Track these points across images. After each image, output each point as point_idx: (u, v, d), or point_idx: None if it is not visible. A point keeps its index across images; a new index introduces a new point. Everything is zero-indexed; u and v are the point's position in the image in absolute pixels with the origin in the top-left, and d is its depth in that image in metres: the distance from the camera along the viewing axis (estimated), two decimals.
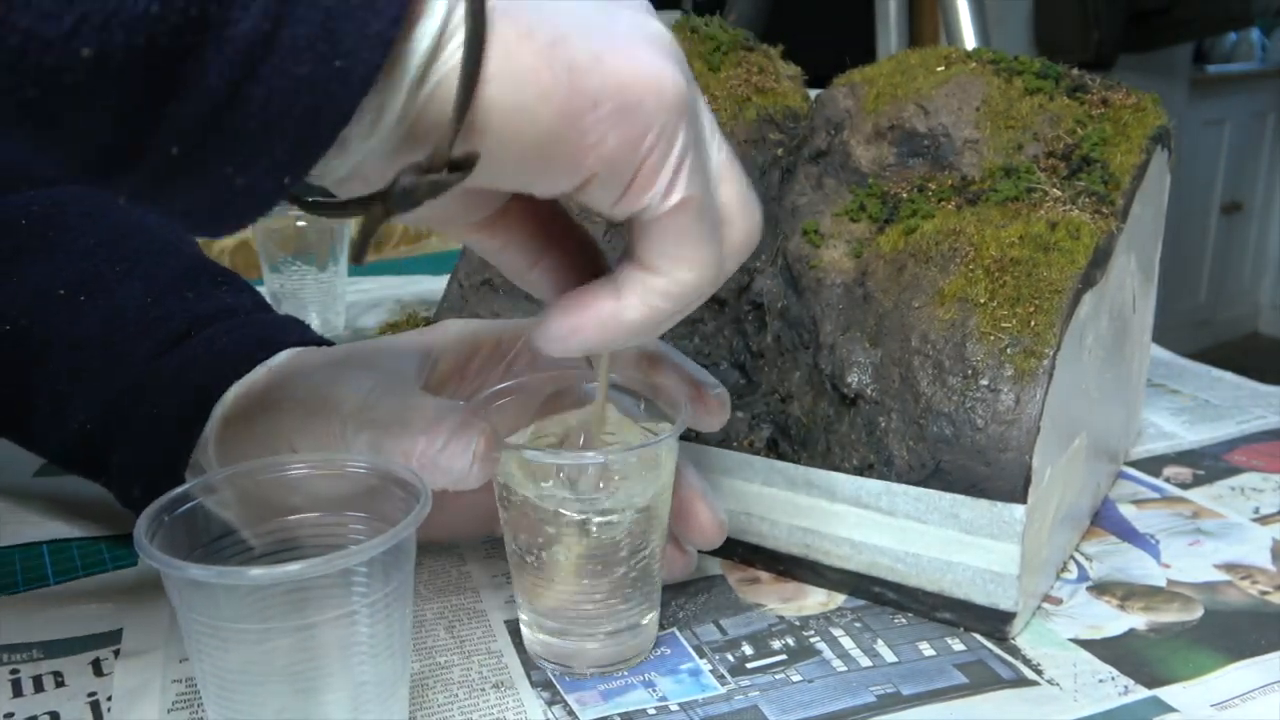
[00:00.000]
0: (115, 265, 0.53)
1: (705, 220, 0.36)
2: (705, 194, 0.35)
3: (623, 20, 0.33)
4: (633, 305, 0.37)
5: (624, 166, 0.33)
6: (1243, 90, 3.39)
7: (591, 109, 0.32)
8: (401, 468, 0.40)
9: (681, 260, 0.36)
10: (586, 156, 0.32)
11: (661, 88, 0.33)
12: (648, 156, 0.33)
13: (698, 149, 0.35)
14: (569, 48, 0.31)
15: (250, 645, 0.36)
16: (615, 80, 0.32)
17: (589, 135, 0.32)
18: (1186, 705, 0.43)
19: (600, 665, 0.45)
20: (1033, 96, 0.55)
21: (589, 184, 0.34)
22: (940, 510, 0.47)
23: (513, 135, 0.31)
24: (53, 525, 0.58)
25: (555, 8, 0.32)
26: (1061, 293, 0.48)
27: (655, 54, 0.33)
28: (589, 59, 0.31)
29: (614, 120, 0.32)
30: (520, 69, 0.31)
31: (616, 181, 0.34)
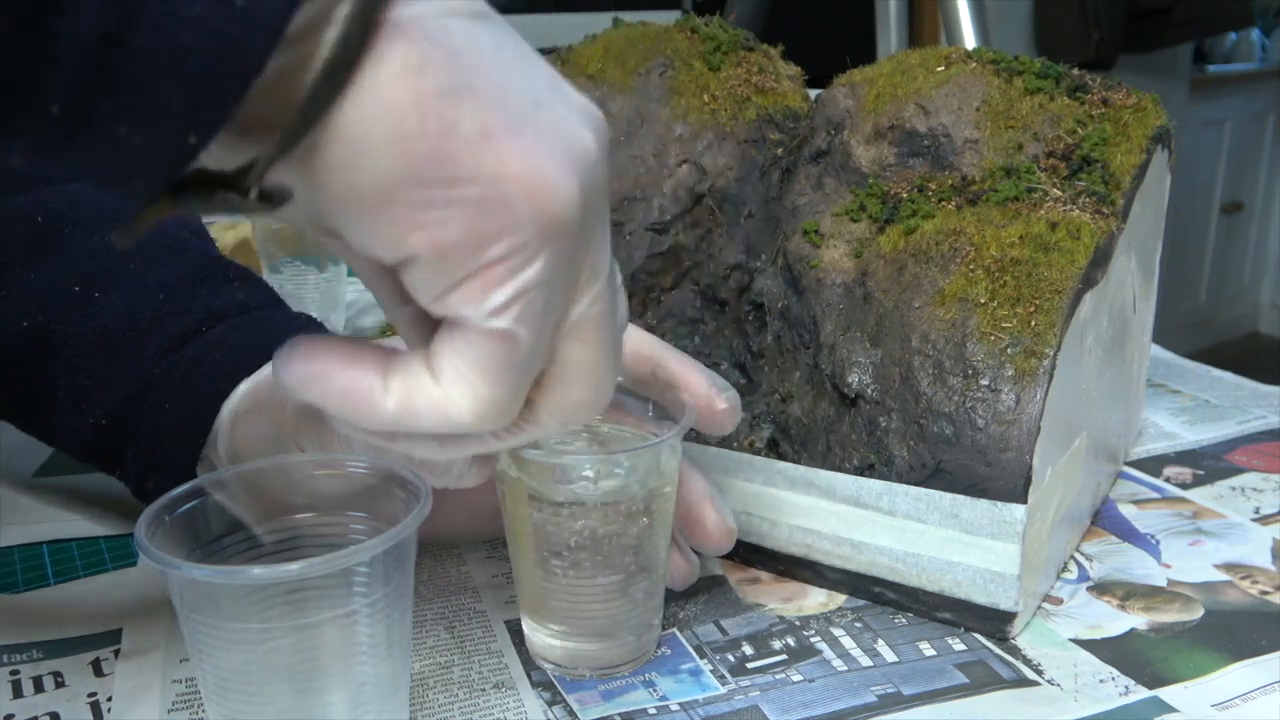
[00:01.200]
0: (128, 262, 0.53)
1: (513, 364, 0.30)
2: (531, 341, 0.30)
3: (551, 114, 0.29)
4: (391, 398, 0.31)
5: (455, 263, 0.28)
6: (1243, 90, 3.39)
7: (446, 184, 0.27)
8: (402, 467, 0.40)
9: (466, 386, 0.31)
10: (416, 233, 0.28)
11: (543, 201, 0.28)
12: (488, 267, 0.28)
13: (552, 288, 0.30)
14: (459, 108, 0.27)
15: (250, 645, 0.36)
16: (492, 168, 0.27)
17: (429, 211, 0.27)
18: (1187, 705, 0.43)
19: (602, 668, 0.45)
20: (1033, 96, 0.55)
21: (408, 265, 0.29)
22: (941, 510, 0.47)
23: (347, 173, 0.27)
24: (53, 525, 0.58)
25: (485, 59, 0.28)
26: (1062, 293, 0.48)
27: (563, 165, 0.28)
28: (475, 130, 0.27)
29: (467, 209, 0.27)
30: (388, 103, 0.26)
31: (440, 276, 0.29)
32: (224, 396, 0.48)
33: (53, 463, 0.64)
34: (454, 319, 0.30)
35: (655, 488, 0.43)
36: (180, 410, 0.49)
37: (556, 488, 0.42)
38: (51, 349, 0.52)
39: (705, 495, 0.47)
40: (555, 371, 0.33)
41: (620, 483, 0.42)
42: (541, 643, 0.46)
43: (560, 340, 0.32)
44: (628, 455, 0.43)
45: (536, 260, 0.29)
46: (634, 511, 0.43)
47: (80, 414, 0.52)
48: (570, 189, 0.28)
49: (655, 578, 0.45)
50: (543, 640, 0.46)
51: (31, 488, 0.62)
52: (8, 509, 0.59)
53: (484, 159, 0.27)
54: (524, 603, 0.46)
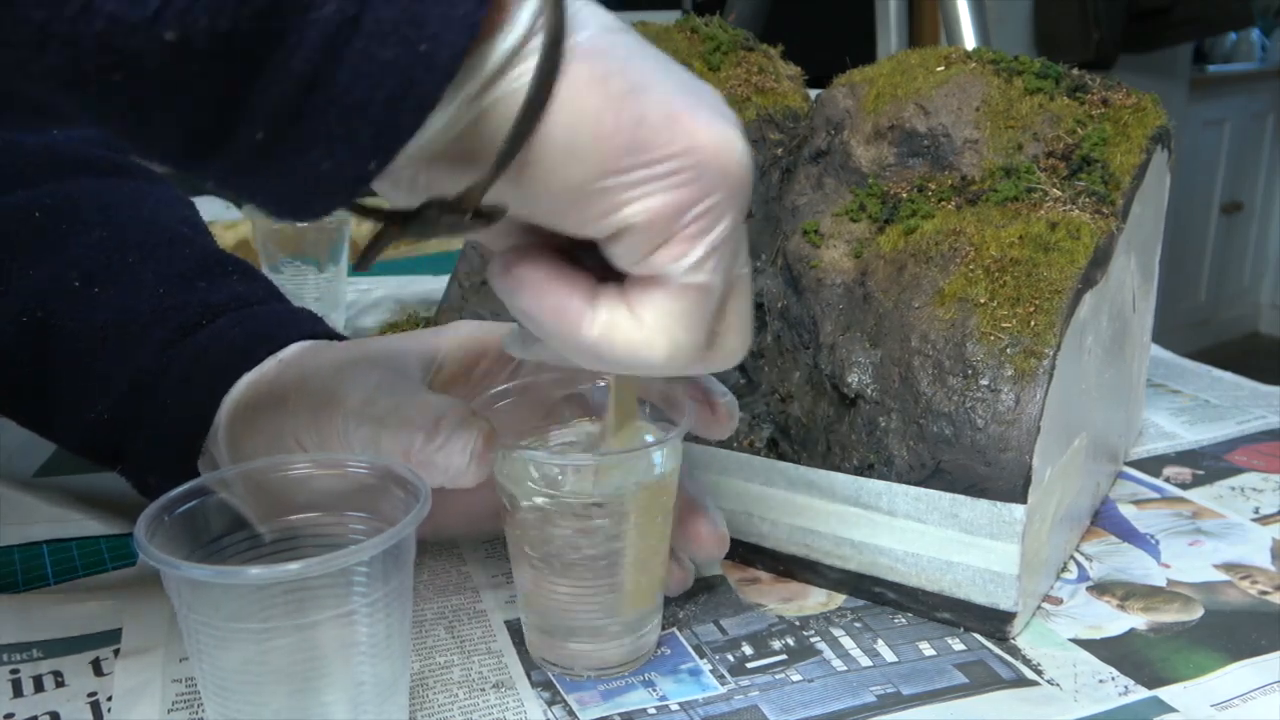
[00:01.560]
0: (128, 256, 0.53)
1: (708, 312, 0.34)
2: (722, 288, 0.34)
3: (707, 95, 0.33)
4: (595, 329, 0.35)
5: (661, 228, 0.32)
6: (1243, 90, 3.39)
7: (646, 165, 0.31)
8: (402, 467, 0.40)
9: (663, 333, 0.34)
10: (627, 209, 0.32)
11: (729, 160, 0.32)
12: (689, 225, 0.32)
13: (737, 241, 0.34)
14: (643, 100, 0.31)
15: (250, 645, 0.36)
16: (684, 142, 0.31)
17: (637, 189, 0.32)
18: (1187, 705, 0.43)
19: (601, 668, 0.45)
20: (1033, 96, 0.55)
21: (619, 237, 0.33)
22: (940, 510, 0.47)
23: (558, 175, 0.31)
24: (52, 525, 0.58)
25: (646, 63, 0.32)
26: (1061, 293, 0.48)
27: (736, 129, 0.33)
28: (662, 117, 0.31)
29: (667, 180, 0.32)
30: (584, 111, 0.30)
31: (648, 241, 0.33)
32: (224, 391, 0.48)
33: (53, 463, 0.64)
34: (658, 276, 0.34)
35: (654, 488, 0.43)
36: (180, 405, 0.49)
37: (556, 488, 0.42)
38: (51, 345, 0.52)
39: (698, 502, 0.47)
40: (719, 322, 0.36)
41: (619, 483, 0.42)
42: (540, 643, 0.46)
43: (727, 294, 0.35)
44: (625, 456, 0.43)
45: (726, 216, 0.33)
46: (633, 511, 0.43)
47: (80, 410, 0.52)
48: (745, 147, 0.33)
49: (654, 579, 0.45)
50: (542, 640, 0.46)
51: (31, 487, 0.62)
52: (8, 509, 0.59)
53: (674, 137, 0.31)
54: (523, 603, 0.46)
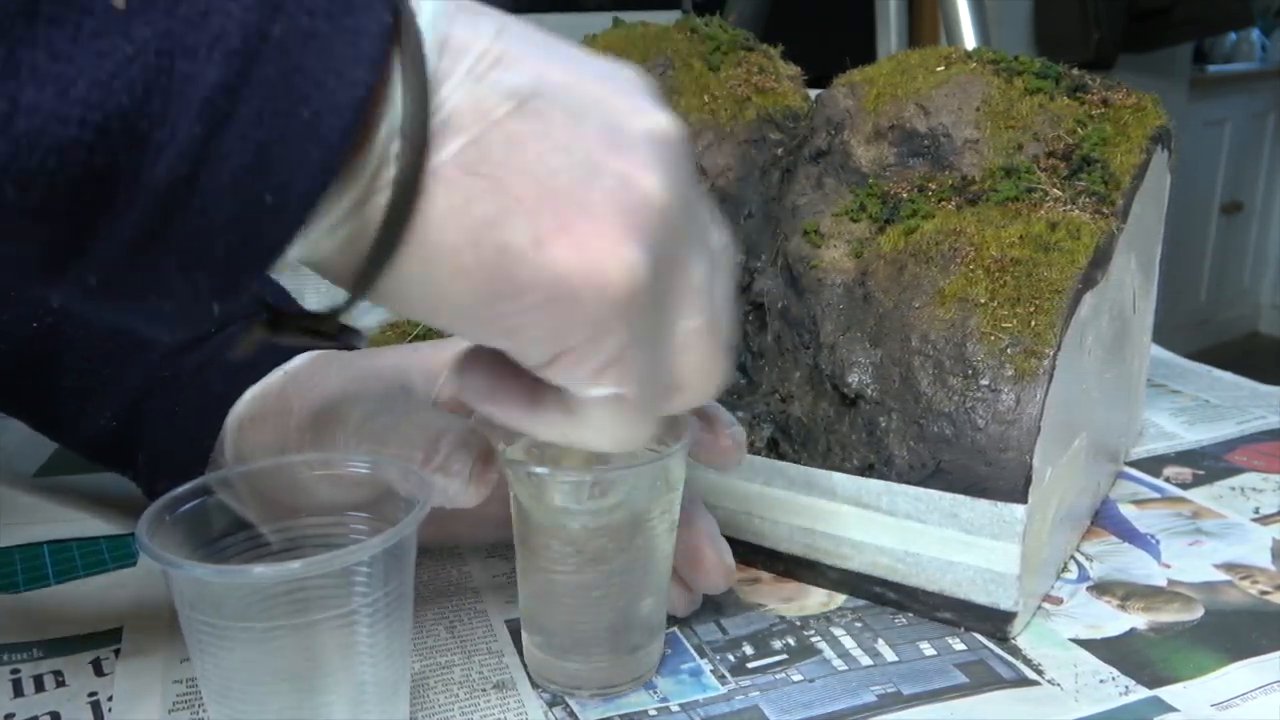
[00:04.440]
0: None
1: (634, 414, 0.33)
2: (640, 392, 0.32)
3: (606, 178, 0.29)
4: (540, 429, 0.35)
5: (543, 353, 0.31)
6: (1243, 90, 3.39)
7: (513, 298, 0.29)
8: (403, 467, 0.40)
9: (603, 433, 0.34)
10: (501, 336, 0.31)
11: (607, 281, 0.29)
12: (570, 351, 0.31)
13: (642, 344, 0.31)
14: (507, 229, 0.28)
15: (251, 644, 0.36)
16: (549, 272, 0.29)
17: (506, 321, 0.30)
18: (1187, 705, 0.43)
19: (603, 687, 0.44)
20: (1033, 96, 0.55)
21: (507, 349, 0.32)
22: (940, 510, 0.47)
23: (423, 306, 0.30)
24: (53, 525, 0.58)
25: (525, 161, 0.29)
26: (1062, 293, 0.48)
27: (621, 233, 0.29)
28: (527, 243, 0.29)
29: (538, 312, 0.30)
30: (441, 246, 0.28)
31: (537, 360, 0.32)
32: (231, 401, 0.48)
33: (53, 463, 0.64)
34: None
35: (658, 504, 0.42)
36: (187, 414, 0.49)
37: (560, 503, 0.42)
38: (60, 350, 0.52)
39: (705, 533, 0.47)
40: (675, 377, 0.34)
41: (622, 498, 0.42)
42: (542, 662, 0.45)
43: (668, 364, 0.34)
44: (628, 470, 0.42)
45: (615, 333, 0.30)
46: (636, 527, 0.42)
47: (89, 415, 0.52)
48: (630, 256, 0.29)
49: (658, 595, 0.44)
50: (544, 660, 0.45)
51: (31, 488, 0.62)
52: (8, 509, 0.60)
53: (540, 267, 0.29)
54: (526, 621, 0.45)
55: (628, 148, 0.30)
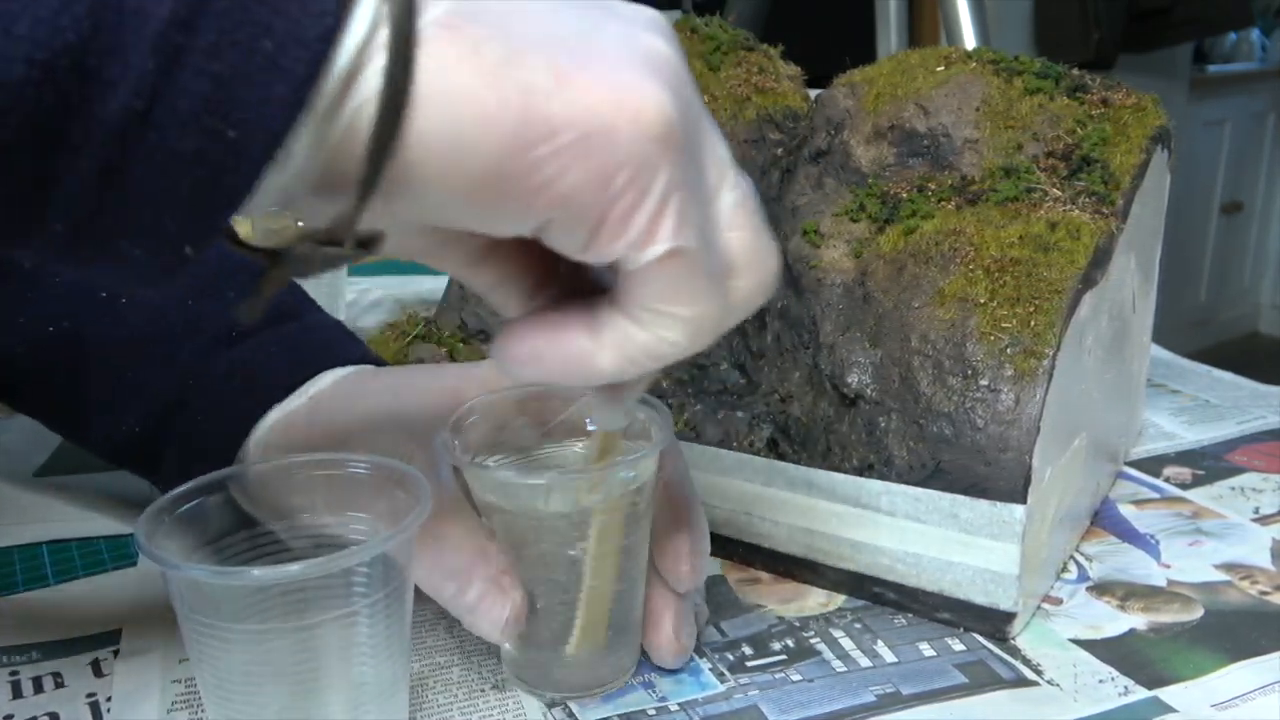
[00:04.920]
0: None
1: (698, 276, 0.30)
2: (700, 245, 0.30)
3: (609, 32, 0.29)
4: (606, 354, 0.32)
5: (587, 209, 0.28)
6: (1243, 90, 3.39)
7: (547, 139, 0.27)
8: (404, 467, 0.40)
9: (668, 318, 0.31)
10: (540, 196, 0.28)
11: (641, 114, 0.28)
12: (618, 198, 0.28)
13: (690, 190, 0.29)
14: (525, 66, 0.27)
15: (250, 645, 0.36)
16: (582, 104, 0.27)
17: (542, 170, 0.27)
18: (1186, 705, 0.43)
19: (571, 690, 0.44)
20: (1033, 96, 0.55)
21: (547, 228, 0.29)
22: (940, 510, 0.47)
23: (449, 171, 0.27)
24: (52, 525, 0.58)
25: (522, 17, 0.28)
26: (1061, 293, 0.48)
27: (642, 73, 0.28)
28: (550, 79, 0.27)
29: (575, 153, 0.27)
30: (458, 93, 0.26)
31: (579, 226, 0.29)
32: (253, 420, 0.47)
33: (53, 463, 0.64)
34: (619, 263, 0.30)
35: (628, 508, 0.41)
36: (211, 428, 0.48)
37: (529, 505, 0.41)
38: (83, 353, 0.52)
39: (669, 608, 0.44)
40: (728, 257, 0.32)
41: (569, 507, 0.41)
42: (509, 657, 0.45)
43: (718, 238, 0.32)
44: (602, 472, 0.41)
45: (661, 170, 0.28)
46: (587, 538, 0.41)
47: (115, 419, 0.51)
48: (658, 92, 0.28)
49: (628, 600, 0.43)
50: (512, 655, 0.45)
51: (31, 488, 0.62)
52: (8, 509, 0.59)
53: (570, 100, 0.27)
54: None
55: (625, 17, 0.30)
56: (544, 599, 0.42)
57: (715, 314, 0.32)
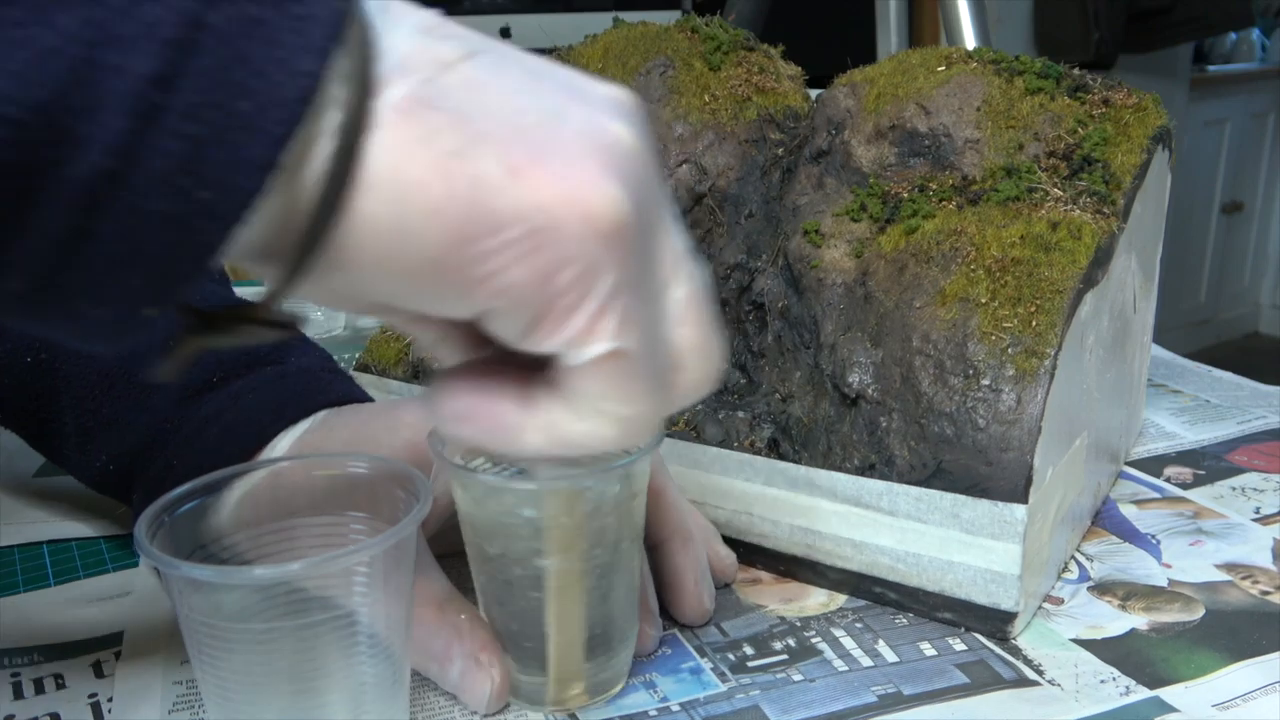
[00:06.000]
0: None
1: (637, 377, 0.30)
2: (641, 347, 0.29)
3: (573, 120, 0.28)
4: (535, 435, 0.31)
5: (528, 303, 0.28)
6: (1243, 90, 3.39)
7: (492, 233, 0.26)
8: (403, 466, 0.40)
9: (602, 415, 0.30)
10: (481, 287, 0.27)
11: (591, 212, 0.27)
12: (561, 296, 0.27)
13: (637, 290, 0.29)
14: (478, 157, 0.26)
15: (251, 645, 0.36)
16: (531, 200, 0.26)
17: (485, 263, 0.27)
18: (1188, 705, 0.43)
19: (561, 706, 0.43)
20: (1034, 96, 0.55)
21: (486, 315, 0.28)
22: (941, 510, 0.47)
23: (390, 255, 0.27)
24: (53, 525, 0.58)
25: (484, 102, 0.27)
26: (1063, 292, 0.48)
27: (600, 168, 0.27)
28: (502, 172, 0.26)
29: (520, 249, 0.27)
30: (406, 181, 0.26)
31: (519, 318, 0.28)
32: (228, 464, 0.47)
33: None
34: (558, 356, 0.29)
35: (621, 513, 0.41)
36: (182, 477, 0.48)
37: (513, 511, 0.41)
38: (56, 386, 0.52)
39: (691, 567, 0.47)
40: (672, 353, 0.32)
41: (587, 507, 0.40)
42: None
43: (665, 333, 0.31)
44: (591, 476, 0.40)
45: (607, 271, 0.28)
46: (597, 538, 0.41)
47: (88, 453, 0.51)
48: (611, 190, 0.27)
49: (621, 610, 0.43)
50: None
51: (31, 488, 0.62)
52: (8, 509, 0.59)
53: (519, 195, 0.27)
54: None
55: (592, 101, 0.29)
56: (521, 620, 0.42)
57: (652, 412, 0.31)
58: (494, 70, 0.28)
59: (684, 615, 0.48)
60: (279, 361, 0.52)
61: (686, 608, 0.48)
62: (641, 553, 0.45)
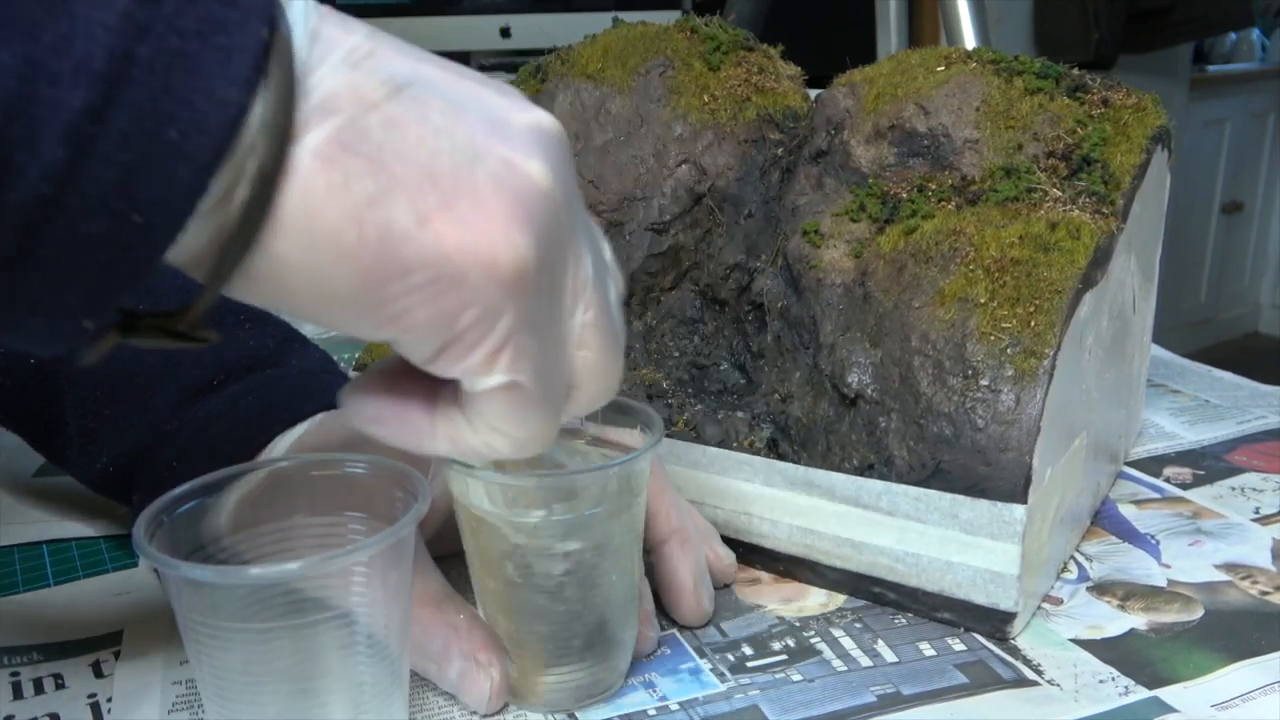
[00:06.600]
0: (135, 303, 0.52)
1: (529, 406, 0.32)
2: (535, 377, 0.31)
3: (488, 162, 0.29)
4: (439, 441, 0.34)
5: (433, 338, 0.30)
6: (1243, 90, 3.39)
7: (399, 278, 0.28)
8: (401, 466, 0.40)
9: (499, 434, 0.33)
10: (389, 323, 0.29)
11: (493, 261, 0.29)
12: (462, 335, 0.30)
13: (534, 328, 0.31)
14: (389, 205, 0.28)
15: (250, 645, 0.36)
16: (435, 250, 0.28)
17: (393, 304, 0.29)
18: (1187, 705, 0.43)
19: (556, 706, 0.43)
20: (1033, 96, 0.55)
21: (396, 342, 0.31)
22: (940, 510, 0.47)
23: (302, 288, 0.28)
24: (52, 525, 0.58)
25: (402, 145, 0.28)
26: (1062, 293, 0.48)
27: (504, 215, 0.29)
28: (411, 222, 0.28)
29: (425, 293, 0.29)
30: (318, 226, 0.27)
31: (424, 349, 0.30)
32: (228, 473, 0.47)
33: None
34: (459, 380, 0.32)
35: (620, 513, 0.41)
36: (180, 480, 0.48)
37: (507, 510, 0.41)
38: (59, 387, 0.52)
39: (690, 569, 0.48)
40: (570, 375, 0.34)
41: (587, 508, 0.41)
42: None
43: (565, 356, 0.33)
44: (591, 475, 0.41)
45: (505, 314, 0.30)
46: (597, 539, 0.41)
47: (89, 454, 0.52)
48: (515, 240, 0.29)
49: (621, 611, 0.43)
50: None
51: (31, 488, 0.62)
52: (7, 509, 0.60)
53: (425, 244, 0.28)
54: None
55: (510, 136, 0.30)
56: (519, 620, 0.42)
57: (544, 433, 0.33)
58: (416, 106, 0.29)
59: (683, 616, 0.48)
60: (279, 364, 0.52)
61: (685, 609, 0.48)
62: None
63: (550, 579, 0.41)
